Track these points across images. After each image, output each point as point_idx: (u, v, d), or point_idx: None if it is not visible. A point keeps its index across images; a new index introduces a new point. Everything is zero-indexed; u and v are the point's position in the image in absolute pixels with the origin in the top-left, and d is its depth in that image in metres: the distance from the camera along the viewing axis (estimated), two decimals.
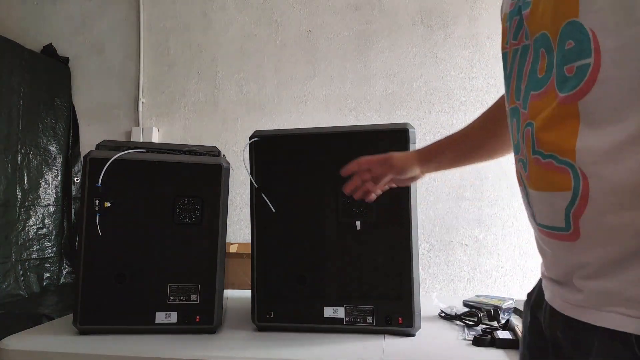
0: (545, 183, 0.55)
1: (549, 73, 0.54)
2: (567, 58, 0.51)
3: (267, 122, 2.71)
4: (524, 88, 0.59)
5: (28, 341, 1.11)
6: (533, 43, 0.57)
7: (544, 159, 0.55)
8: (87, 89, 2.91)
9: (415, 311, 1.12)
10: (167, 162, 1.20)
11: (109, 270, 1.15)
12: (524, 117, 0.58)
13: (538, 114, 0.55)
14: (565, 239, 0.55)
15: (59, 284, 2.61)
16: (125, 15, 2.90)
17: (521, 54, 0.60)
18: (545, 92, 0.54)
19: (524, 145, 0.58)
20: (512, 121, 0.63)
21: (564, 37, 0.51)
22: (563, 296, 0.58)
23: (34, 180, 2.55)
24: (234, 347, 1.09)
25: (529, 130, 0.57)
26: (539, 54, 0.56)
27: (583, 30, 0.48)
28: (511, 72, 0.63)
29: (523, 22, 0.59)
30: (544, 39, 0.55)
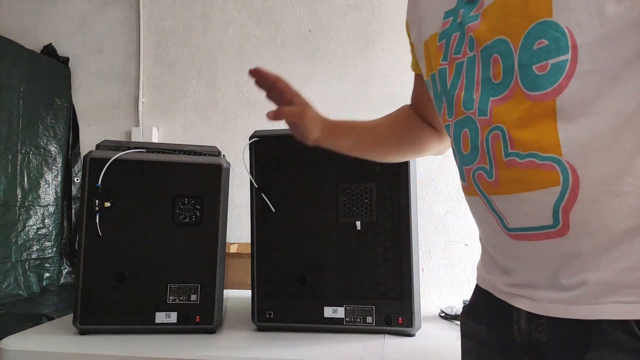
0: (526, 183, 0.55)
1: (509, 76, 0.55)
2: (538, 57, 0.52)
3: (267, 122, 2.71)
4: (478, 97, 0.59)
5: (28, 341, 1.11)
6: (481, 52, 0.58)
7: (521, 159, 0.55)
8: (87, 89, 2.91)
9: (415, 311, 1.12)
10: (167, 162, 1.20)
11: (109, 270, 1.15)
12: (485, 123, 0.58)
13: (507, 117, 0.55)
14: (552, 236, 0.55)
15: (59, 284, 2.61)
16: (125, 15, 2.90)
17: (468, 66, 0.61)
18: (509, 95, 0.55)
19: (489, 150, 0.58)
20: (461, 132, 0.63)
21: (532, 37, 0.52)
22: (547, 298, 0.57)
23: (34, 180, 2.55)
24: (234, 347, 1.09)
25: (497, 134, 0.57)
26: (489, 61, 0.57)
27: (559, 28, 0.50)
28: (455, 85, 0.63)
29: (465, 36, 0.61)
30: (498, 44, 0.56)
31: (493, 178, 0.59)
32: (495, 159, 0.57)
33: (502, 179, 0.58)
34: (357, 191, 1.17)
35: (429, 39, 0.68)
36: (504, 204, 0.59)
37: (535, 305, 0.59)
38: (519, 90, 0.54)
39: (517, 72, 0.54)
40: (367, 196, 1.16)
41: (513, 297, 0.63)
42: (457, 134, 0.64)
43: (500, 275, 0.66)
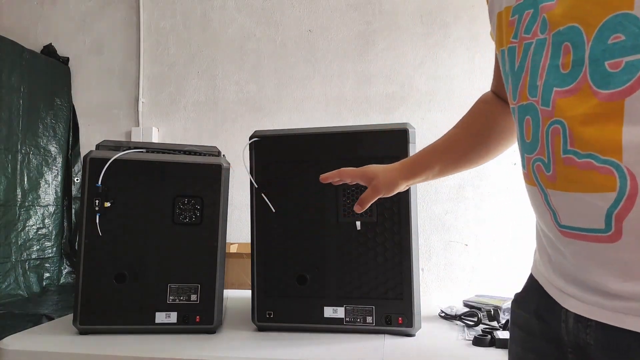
0: (581, 184, 0.53)
1: (578, 68, 0.52)
2: (612, 52, 0.49)
3: (267, 122, 2.71)
4: (542, 84, 0.56)
5: (28, 341, 1.11)
6: (552, 37, 0.55)
7: (579, 159, 0.52)
8: (87, 89, 2.91)
9: (415, 311, 1.12)
10: (167, 162, 1.20)
11: (109, 270, 1.15)
12: (547, 115, 0.55)
13: (570, 112, 0.53)
14: (603, 240, 0.53)
15: (59, 284, 2.62)
16: (125, 15, 2.91)
17: (535, 49, 0.58)
18: (576, 89, 0.52)
19: (549, 144, 0.56)
20: (524, 118, 0.60)
21: (608, 30, 0.49)
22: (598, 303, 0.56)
23: (34, 180, 2.55)
24: (234, 347, 1.09)
25: (558, 129, 0.54)
26: (560, 48, 0.54)
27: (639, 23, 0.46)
28: (522, 67, 0.60)
29: (539, 15, 0.57)
30: (571, 32, 0.52)
31: (550, 172, 0.56)
32: (554, 153, 0.55)
33: (559, 174, 0.55)
34: (357, 191, 1.17)
35: (502, 11, 0.64)
36: (559, 200, 0.57)
37: (585, 308, 0.58)
38: (587, 86, 0.51)
39: (587, 66, 0.51)
40: None
41: (563, 296, 0.62)
42: (521, 119, 0.61)
43: (552, 269, 0.65)
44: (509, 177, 2.41)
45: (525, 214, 0.66)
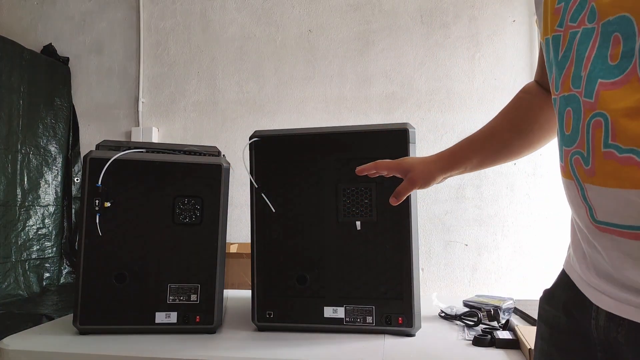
0: (621, 180, 0.51)
1: (627, 60, 0.50)
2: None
3: (267, 122, 2.71)
4: (586, 75, 0.54)
5: (28, 341, 1.11)
6: (601, 27, 0.53)
7: (620, 154, 0.51)
8: (87, 89, 2.91)
9: (415, 311, 1.12)
10: (167, 162, 1.20)
11: (109, 270, 1.15)
12: (589, 107, 0.54)
13: (614, 105, 0.51)
14: (636, 236, 0.52)
15: (59, 284, 2.62)
16: (125, 15, 2.91)
17: (581, 38, 0.56)
18: (623, 81, 0.50)
19: (589, 136, 0.54)
20: (565, 110, 0.59)
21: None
22: (632, 302, 0.55)
23: (34, 180, 2.56)
24: (234, 347, 1.09)
25: (600, 122, 0.52)
26: (609, 39, 0.52)
27: None
28: (566, 57, 0.59)
29: (587, 3, 0.55)
30: (622, 22, 0.51)
31: (589, 166, 0.55)
32: (594, 147, 0.53)
33: (599, 169, 0.54)
34: (357, 191, 1.17)
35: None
36: (596, 195, 0.55)
37: (617, 306, 0.57)
38: (636, 79, 0.49)
39: (637, 58, 0.49)
40: (367, 196, 1.16)
41: (595, 293, 0.61)
42: (562, 111, 0.60)
43: (585, 265, 0.63)
44: (509, 178, 2.41)
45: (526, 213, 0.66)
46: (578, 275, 0.65)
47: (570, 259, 0.70)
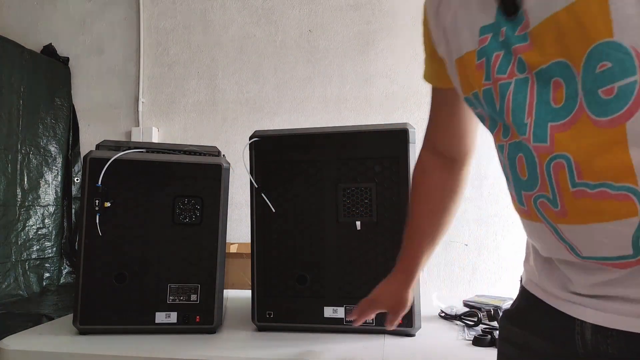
0: (599, 214, 0.51)
1: (571, 101, 0.51)
2: (602, 80, 0.49)
3: (267, 122, 2.71)
4: (532, 122, 0.55)
5: (28, 341, 1.11)
6: (536, 75, 0.55)
7: (592, 190, 0.51)
8: (87, 89, 2.91)
9: (415, 311, 1.12)
10: (167, 162, 1.20)
11: (109, 270, 1.15)
12: (544, 151, 0.54)
13: (573, 145, 0.52)
14: (632, 265, 0.52)
15: (59, 284, 2.62)
16: (125, 15, 2.91)
17: (516, 88, 0.57)
18: (573, 121, 0.51)
19: (551, 180, 0.54)
20: (516, 156, 0.59)
21: (594, 60, 0.49)
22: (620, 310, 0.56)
23: (34, 180, 2.56)
24: (234, 347, 1.09)
25: (562, 163, 0.53)
26: (548, 84, 0.54)
27: (622, 49, 0.47)
28: (503, 107, 0.59)
29: (512, 56, 0.57)
30: (557, 67, 0.52)
31: (559, 208, 0.55)
32: (560, 189, 0.54)
33: (571, 209, 0.54)
34: (357, 191, 1.17)
35: (463, 56, 0.64)
36: (574, 233, 0.55)
37: (604, 318, 0.57)
38: (585, 116, 0.50)
39: (581, 97, 0.51)
40: (367, 196, 1.16)
41: (577, 308, 0.60)
42: (513, 157, 0.60)
43: (560, 283, 0.63)
44: None
45: None
46: (550, 294, 0.65)
47: (533, 277, 0.70)
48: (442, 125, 0.86)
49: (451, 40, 0.66)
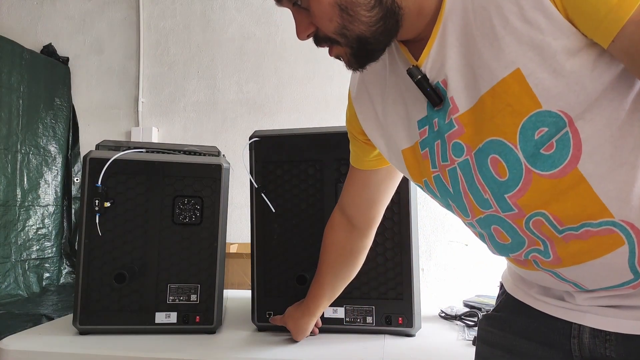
0: (591, 252, 0.54)
1: (516, 169, 0.55)
2: (542, 142, 0.52)
3: (267, 122, 2.71)
4: (491, 197, 0.58)
5: (28, 341, 1.11)
6: (475, 155, 0.58)
7: (577, 231, 0.54)
8: (87, 88, 2.91)
9: (415, 311, 1.12)
10: (167, 162, 1.20)
11: (109, 270, 1.15)
12: (517, 216, 0.57)
13: (539, 203, 0.55)
14: (636, 287, 0.55)
15: (59, 284, 2.62)
16: (125, 15, 2.91)
17: (463, 171, 0.60)
18: (526, 186, 0.55)
19: (536, 234, 0.57)
20: (490, 227, 0.63)
21: (530, 129, 0.52)
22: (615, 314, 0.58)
23: (33, 180, 2.55)
24: (234, 347, 1.09)
25: (539, 220, 0.56)
26: (486, 163, 0.57)
27: (552, 113, 0.51)
28: (458, 190, 0.62)
29: (446, 143, 0.60)
30: (492, 145, 0.55)
31: (551, 257, 0.58)
32: (549, 238, 0.57)
33: (563, 254, 0.57)
34: None
35: (407, 148, 0.68)
36: (574, 273, 0.58)
37: (603, 321, 0.59)
38: (536, 176, 0.54)
39: (525, 163, 0.54)
40: None
41: (574, 313, 0.62)
42: (486, 229, 0.63)
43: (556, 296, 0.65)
44: None
45: None
46: (543, 302, 0.66)
47: (518, 285, 0.72)
48: (352, 196, 0.91)
49: (392, 133, 0.69)
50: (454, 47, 0.55)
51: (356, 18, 0.56)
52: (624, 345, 0.57)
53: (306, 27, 0.61)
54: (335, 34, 0.58)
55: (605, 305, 0.59)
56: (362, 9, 0.56)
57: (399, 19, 0.57)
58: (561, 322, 0.63)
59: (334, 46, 0.60)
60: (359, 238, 0.96)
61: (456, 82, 0.56)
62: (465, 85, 0.56)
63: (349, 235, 0.96)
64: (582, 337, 0.61)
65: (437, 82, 0.58)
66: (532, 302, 0.68)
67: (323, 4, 0.57)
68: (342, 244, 0.98)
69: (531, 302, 0.68)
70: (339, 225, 0.97)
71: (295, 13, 0.61)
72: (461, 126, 0.58)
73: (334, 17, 0.57)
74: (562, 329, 0.62)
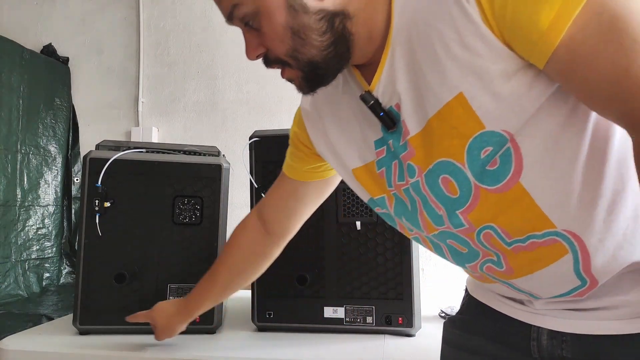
0: (539, 261, 0.57)
1: (466, 187, 0.57)
2: (487, 159, 0.55)
3: (267, 122, 2.71)
4: (445, 213, 0.60)
5: (28, 341, 1.11)
6: (425, 177, 0.60)
7: (524, 243, 0.57)
8: (86, 88, 2.91)
9: (415, 311, 1.12)
10: (167, 162, 1.20)
11: (109, 270, 1.15)
12: (468, 231, 0.60)
13: (487, 217, 0.58)
14: (587, 291, 0.58)
15: (59, 284, 2.61)
16: (125, 15, 2.90)
17: (416, 191, 0.62)
18: (475, 201, 0.57)
19: (488, 246, 0.60)
20: (444, 242, 0.65)
21: (476, 149, 0.55)
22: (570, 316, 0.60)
23: (33, 180, 2.55)
24: (234, 347, 1.09)
25: (489, 233, 0.59)
26: (437, 182, 0.59)
27: (495, 133, 0.53)
28: (414, 208, 0.64)
29: (403, 164, 0.62)
30: (441, 165, 0.58)
31: (504, 268, 0.61)
32: (500, 251, 0.59)
33: (514, 265, 0.60)
34: None
35: (359, 167, 0.69)
36: (527, 283, 0.61)
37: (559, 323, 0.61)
38: (484, 191, 0.56)
39: (473, 180, 0.56)
40: None
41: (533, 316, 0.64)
42: (443, 243, 0.66)
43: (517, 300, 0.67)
44: None
45: None
46: (505, 304, 0.69)
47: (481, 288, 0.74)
48: (275, 202, 0.91)
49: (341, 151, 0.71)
50: (403, 71, 0.57)
51: (308, 42, 0.57)
52: (579, 345, 0.60)
53: (256, 48, 0.61)
54: (286, 56, 0.59)
55: (561, 309, 0.61)
56: (314, 33, 0.57)
57: (350, 44, 0.59)
58: (522, 324, 0.65)
59: (285, 68, 0.61)
60: (270, 246, 0.93)
61: (407, 105, 0.58)
62: (414, 108, 0.58)
63: (261, 240, 0.93)
64: (540, 339, 0.63)
65: (390, 106, 0.60)
66: (494, 304, 0.71)
67: (275, 26, 0.57)
68: (251, 248, 0.94)
69: (494, 304, 0.71)
70: (252, 228, 0.94)
71: (246, 32, 0.61)
72: (412, 148, 0.60)
73: (285, 39, 0.57)
74: (523, 330, 0.65)
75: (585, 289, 0.57)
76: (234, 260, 0.95)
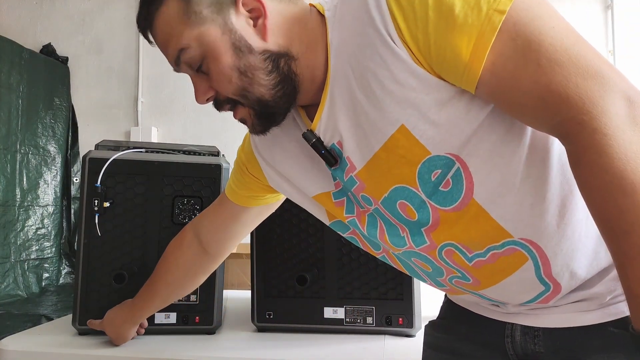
0: (502, 272, 0.60)
1: (423, 209, 0.60)
2: (439, 181, 0.57)
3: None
4: (407, 235, 0.63)
5: (27, 341, 1.11)
6: (382, 204, 0.62)
7: (485, 257, 0.60)
8: (86, 88, 2.91)
9: (415, 312, 1.12)
10: (166, 162, 1.20)
11: (108, 270, 1.15)
12: (430, 249, 0.62)
13: (447, 235, 0.60)
14: (553, 295, 0.60)
15: (58, 284, 2.61)
16: (125, 15, 2.90)
17: (379, 215, 0.65)
18: (436, 221, 0.60)
19: (450, 263, 0.62)
20: (410, 259, 0.67)
21: (425, 173, 0.57)
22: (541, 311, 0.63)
23: (33, 180, 2.55)
24: (233, 347, 1.08)
25: (450, 250, 0.61)
26: (395, 207, 0.61)
27: (441, 157, 0.56)
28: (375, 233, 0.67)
29: (357, 196, 0.65)
30: (396, 192, 0.60)
31: (471, 281, 0.63)
32: (462, 267, 0.62)
33: (480, 277, 0.62)
34: None
35: (320, 195, 0.70)
36: (495, 293, 0.63)
37: (531, 319, 0.64)
38: (442, 212, 0.59)
39: (429, 203, 0.59)
40: None
41: (505, 315, 0.67)
42: (408, 260, 0.68)
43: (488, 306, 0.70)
44: None
45: None
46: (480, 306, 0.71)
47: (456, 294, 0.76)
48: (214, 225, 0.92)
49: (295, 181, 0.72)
50: (343, 110, 0.59)
51: (255, 81, 0.60)
52: (550, 338, 0.62)
53: (205, 91, 0.63)
54: (235, 95, 0.61)
55: (532, 308, 0.64)
56: (261, 72, 0.59)
57: (296, 84, 0.61)
58: (496, 324, 0.68)
59: (237, 107, 0.63)
60: (207, 263, 0.95)
61: (349, 142, 0.60)
62: (357, 144, 0.60)
63: (197, 259, 0.94)
64: (514, 336, 0.65)
65: (332, 143, 0.62)
66: (472, 307, 0.73)
67: (222, 67, 0.59)
68: (187, 266, 0.95)
69: (471, 307, 0.73)
70: (189, 246, 0.94)
71: (194, 77, 0.64)
72: (361, 182, 0.62)
73: (233, 79, 0.60)
74: (498, 329, 0.67)
75: (550, 294, 0.59)
76: (172, 277, 0.97)
